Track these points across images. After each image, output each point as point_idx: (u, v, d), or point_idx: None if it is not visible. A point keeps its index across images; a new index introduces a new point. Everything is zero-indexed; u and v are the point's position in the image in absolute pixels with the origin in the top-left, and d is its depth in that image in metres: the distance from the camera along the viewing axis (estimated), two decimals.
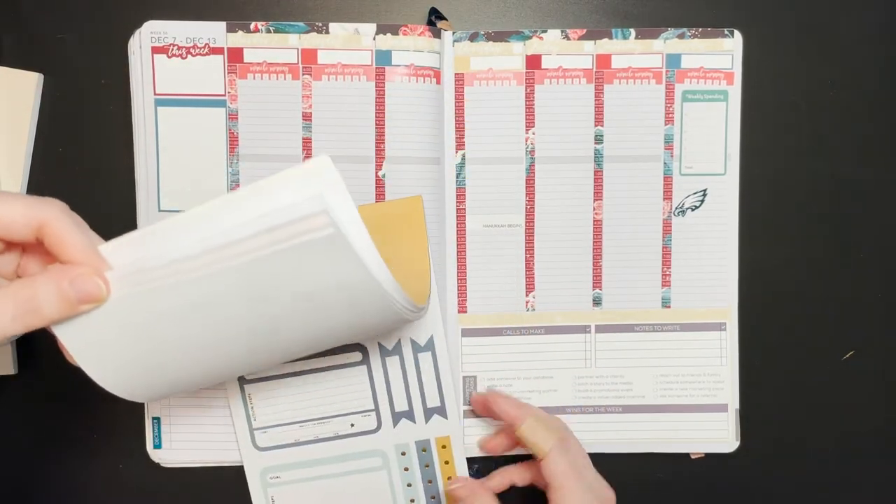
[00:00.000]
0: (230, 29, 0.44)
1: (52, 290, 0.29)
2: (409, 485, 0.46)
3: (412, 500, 0.46)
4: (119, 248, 0.30)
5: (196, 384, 0.36)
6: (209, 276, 0.30)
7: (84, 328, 0.31)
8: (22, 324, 0.29)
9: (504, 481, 0.45)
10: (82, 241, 0.30)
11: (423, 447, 0.45)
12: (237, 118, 0.45)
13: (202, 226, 0.30)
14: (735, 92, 0.46)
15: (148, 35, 0.44)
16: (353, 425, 0.45)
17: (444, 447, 0.45)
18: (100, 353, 0.32)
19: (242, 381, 0.44)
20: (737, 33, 0.46)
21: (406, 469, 0.45)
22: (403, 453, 0.45)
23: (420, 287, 0.43)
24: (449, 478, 0.45)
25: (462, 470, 0.45)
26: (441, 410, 0.45)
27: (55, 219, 0.29)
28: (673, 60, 0.46)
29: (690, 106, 0.47)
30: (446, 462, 0.45)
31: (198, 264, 0.30)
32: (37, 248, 0.31)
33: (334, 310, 0.33)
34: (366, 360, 0.44)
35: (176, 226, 0.30)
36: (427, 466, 0.45)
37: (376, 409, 0.45)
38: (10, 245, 0.30)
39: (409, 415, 0.45)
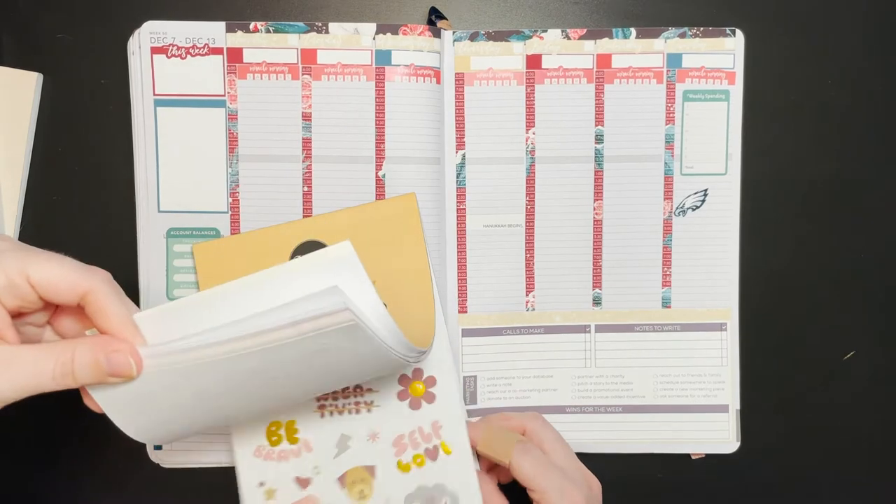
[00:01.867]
0: (230, 29, 0.44)
1: (89, 359, 0.31)
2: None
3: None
4: (151, 320, 0.33)
5: (209, 429, 0.40)
6: (235, 359, 0.32)
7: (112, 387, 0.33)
8: (58, 384, 0.31)
9: (494, 481, 0.45)
10: (122, 313, 0.32)
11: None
12: (237, 118, 0.45)
13: (229, 310, 0.33)
14: (736, 91, 0.46)
15: (147, 35, 0.44)
16: None
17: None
18: (123, 407, 0.34)
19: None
20: (738, 32, 0.46)
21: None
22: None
23: (424, 328, 0.44)
24: None
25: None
26: None
27: (99, 289, 0.31)
28: (674, 60, 0.46)
29: (691, 105, 0.46)
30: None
31: (223, 350, 0.32)
32: (73, 308, 0.33)
33: (347, 372, 0.36)
34: None
35: (205, 304, 0.33)
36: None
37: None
38: (49, 304, 0.32)
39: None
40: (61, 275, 0.30)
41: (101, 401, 0.33)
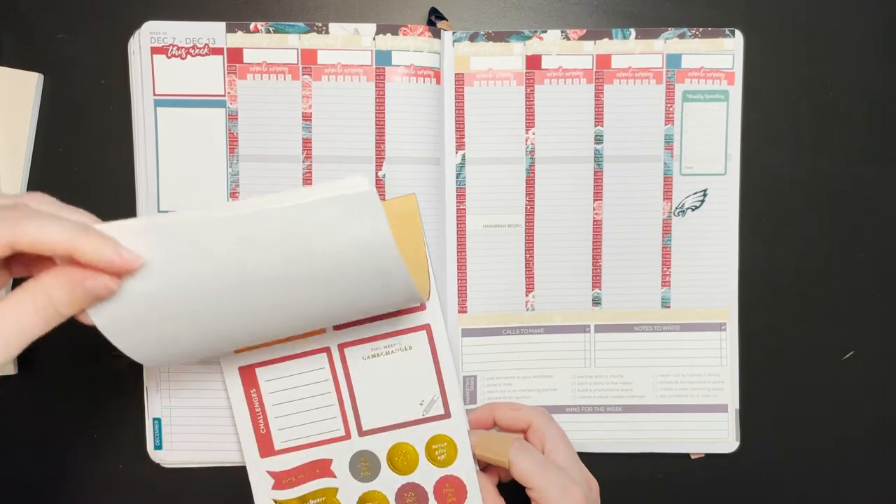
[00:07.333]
0: (230, 29, 0.44)
1: (66, 297, 0.30)
2: None
3: None
4: (135, 235, 0.31)
5: (214, 350, 0.38)
6: (238, 241, 0.31)
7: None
8: (49, 325, 0.30)
9: (494, 480, 0.45)
10: (62, 238, 0.29)
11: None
12: (237, 118, 0.45)
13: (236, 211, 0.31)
14: (736, 92, 0.46)
15: (147, 35, 0.44)
16: None
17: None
18: (117, 320, 0.32)
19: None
20: (738, 33, 0.46)
21: None
22: None
23: (420, 284, 0.44)
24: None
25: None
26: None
27: (23, 234, 0.29)
28: (673, 60, 0.46)
29: (691, 106, 0.46)
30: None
31: (228, 217, 0.31)
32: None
33: (354, 284, 0.35)
34: None
35: (204, 226, 0.31)
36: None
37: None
38: None
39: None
40: None
41: (95, 317, 0.32)
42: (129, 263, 0.30)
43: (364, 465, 0.45)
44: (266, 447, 0.45)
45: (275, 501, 0.45)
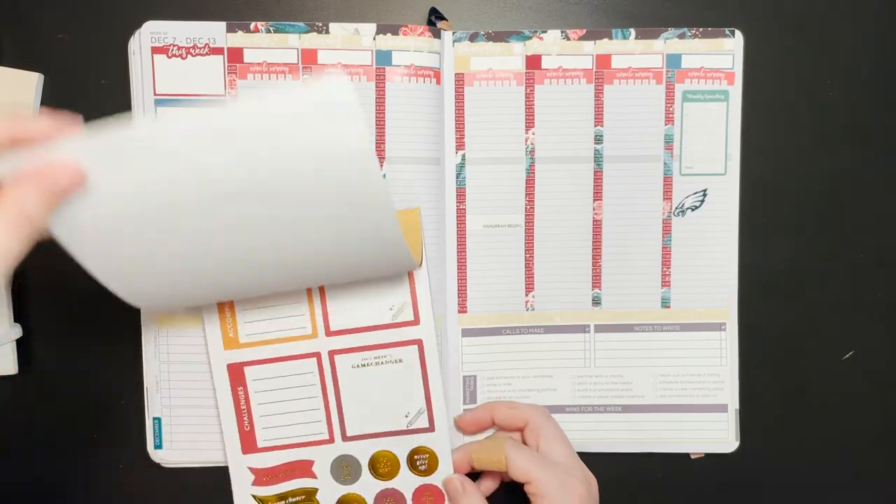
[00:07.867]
0: (230, 29, 0.44)
1: (39, 202, 0.29)
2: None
3: None
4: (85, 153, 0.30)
5: (190, 285, 0.37)
6: (208, 147, 0.30)
7: (69, 211, 0.31)
8: (26, 243, 0.29)
9: (495, 483, 0.45)
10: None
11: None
12: None
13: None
14: (735, 92, 0.46)
15: (148, 35, 0.44)
16: None
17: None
18: (79, 226, 0.32)
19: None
20: (738, 33, 0.46)
21: None
22: None
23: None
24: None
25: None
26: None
27: None
28: (673, 60, 0.46)
29: (691, 106, 0.46)
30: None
31: (197, 141, 0.29)
32: None
33: (326, 203, 0.32)
34: None
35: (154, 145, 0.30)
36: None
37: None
38: None
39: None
40: None
41: (54, 225, 0.31)
42: (68, 124, 0.30)
43: (346, 469, 0.45)
44: (248, 444, 0.45)
45: (254, 497, 0.45)
